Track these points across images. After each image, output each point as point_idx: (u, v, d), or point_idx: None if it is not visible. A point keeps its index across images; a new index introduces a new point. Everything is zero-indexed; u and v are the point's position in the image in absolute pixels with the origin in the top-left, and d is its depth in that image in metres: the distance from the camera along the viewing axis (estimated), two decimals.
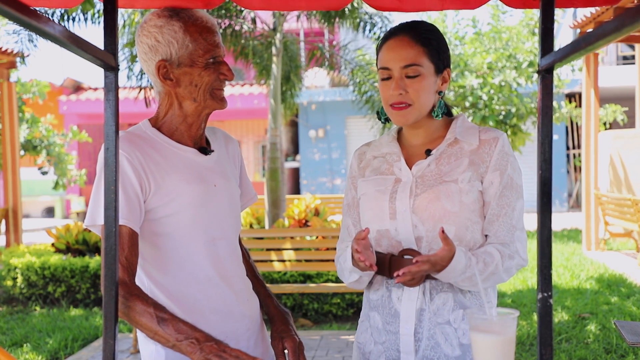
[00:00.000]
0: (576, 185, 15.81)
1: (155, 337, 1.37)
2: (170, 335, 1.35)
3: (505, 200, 1.49)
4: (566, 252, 8.55)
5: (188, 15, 1.52)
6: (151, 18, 1.52)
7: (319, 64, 8.69)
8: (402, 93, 1.48)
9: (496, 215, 1.50)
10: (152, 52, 1.52)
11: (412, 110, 1.50)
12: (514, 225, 1.49)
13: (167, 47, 1.50)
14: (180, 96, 1.54)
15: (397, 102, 1.49)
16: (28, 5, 0.89)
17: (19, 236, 8.89)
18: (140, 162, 1.48)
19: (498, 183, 1.49)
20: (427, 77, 1.49)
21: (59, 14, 6.42)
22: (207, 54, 1.50)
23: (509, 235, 1.49)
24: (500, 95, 9.83)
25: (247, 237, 5.34)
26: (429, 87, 1.50)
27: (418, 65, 1.48)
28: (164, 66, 1.51)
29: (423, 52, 1.49)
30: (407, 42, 1.49)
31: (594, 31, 0.92)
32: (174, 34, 1.49)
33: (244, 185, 1.76)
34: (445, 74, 1.54)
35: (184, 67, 1.51)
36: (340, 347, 4.55)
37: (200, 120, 1.57)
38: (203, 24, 1.52)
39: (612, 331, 4.66)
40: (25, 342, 4.77)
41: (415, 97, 1.49)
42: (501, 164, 1.50)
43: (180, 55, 1.50)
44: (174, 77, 1.52)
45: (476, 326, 1.22)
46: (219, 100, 1.56)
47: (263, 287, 1.74)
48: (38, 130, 10.50)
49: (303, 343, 1.61)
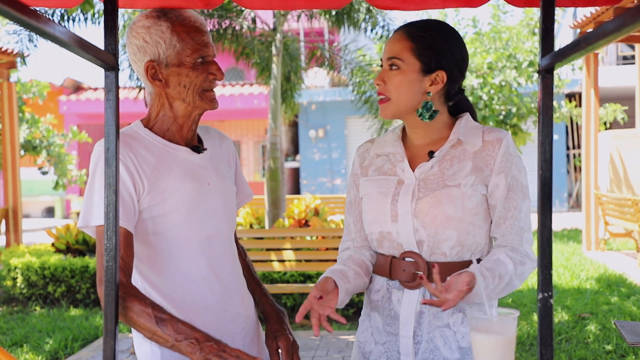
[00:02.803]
0: (576, 185, 15.81)
1: (154, 337, 1.37)
2: (169, 336, 1.35)
3: (512, 202, 1.47)
4: (566, 252, 8.55)
5: (176, 16, 1.51)
6: (140, 19, 1.52)
7: (319, 64, 8.69)
8: (380, 84, 1.50)
9: (503, 217, 1.48)
10: (140, 53, 1.51)
11: (390, 104, 1.50)
12: (521, 227, 1.48)
13: (155, 47, 1.49)
14: (171, 97, 1.53)
15: (379, 92, 1.51)
16: (28, 6, 0.89)
17: (19, 236, 8.89)
18: (132, 162, 1.47)
19: (503, 185, 1.47)
20: (408, 73, 1.47)
21: (59, 14, 6.42)
22: (195, 53, 1.49)
23: (518, 238, 1.48)
24: (501, 95, 9.83)
25: (247, 237, 5.33)
26: (409, 83, 1.47)
27: (399, 59, 1.47)
28: (152, 67, 1.51)
29: (409, 48, 1.47)
30: (399, 37, 1.50)
31: (594, 31, 0.92)
32: (162, 34, 1.49)
33: (240, 184, 1.75)
34: (437, 76, 1.48)
35: (172, 67, 1.50)
36: (340, 347, 4.55)
37: (191, 120, 1.56)
38: (191, 24, 1.51)
39: (612, 331, 4.66)
40: (25, 342, 4.77)
41: (392, 90, 1.48)
42: (505, 166, 1.47)
43: (168, 56, 1.49)
44: (162, 78, 1.51)
45: (476, 326, 1.22)
46: (209, 101, 1.54)
47: (259, 286, 1.74)
48: (38, 131, 10.50)
49: (301, 342, 1.60)
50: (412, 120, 1.53)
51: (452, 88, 1.52)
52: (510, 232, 1.48)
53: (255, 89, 14.98)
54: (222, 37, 7.25)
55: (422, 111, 1.50)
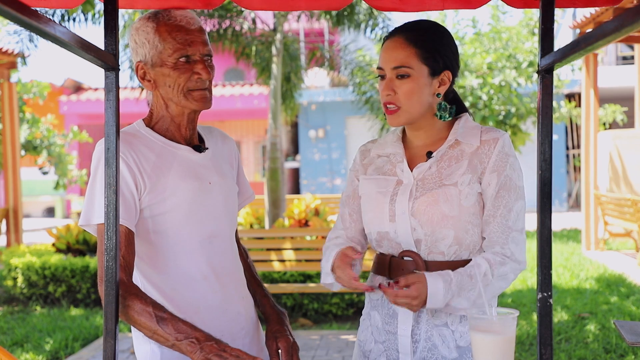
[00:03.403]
0: (576, 185, 15.81)
1: (154, 336, 1.37)
2: (169, 335, 1.35)
3: (501, 200, 1.46)
4: (566, 252, 8.55)
5: (164, 16, 1.51)
6: (136, 21, 1.54)
7: (319, 65, 8.69)
8: (390, 94, 1.49)
9: (492, 216, 1.47)
10: (134, 54, 1.54)
11: (401, 113, 1.49)
12: (509, 227, 1.46)
13: (142, 48, 1.51)
14: (164, 97, 1.54)
15: (387, 102, 1.50)
16: (28, 6, 0.90)
17: (19, 236, 8.89)
18: (134, 161, 1.48)
19: (495, 184, 1.47)
20: (418, 79, 1.47)
21: (59, 14, 6.42)
22: (176, 53, 1.48)
23: (503, 237, 1.46)
24: (500, 95, 9.83)
25: (247, 237, 5.34)
26: (419, 90, 1.47)
27: (407, 67, 1.47)
28: (141, 67, 1.52)
29: (415, 54, 1.47)
30: (400, 44, 1.49)
31: (594, 31, 0.92)
32: (147, 35, 1.50)
33: (241, 184, 1.76)
34: (444, 76, 1.50)
35: (156, 68, 1.51)
36: (340, 347, 4.55)
37: (186, 120, 1.56)
38: (175, 23, 1.50)
39: (612, 331, 4.67)
40: (25, 342, 4.77)
41: (403, 99, 1.48)
42: (499, 164, 1.47)
43: (152, 56, 1.50)
44: (150, 78, 1.52)
45: (476, 326, 1.23)
46: (194, 101, 1.51)
47: (260, 287, 1.74)
48: (38, 131, 10.50)
49: (298, 344, 1.60)
50: (420, 123, 1.54)
51: (451, 85, 1.54)
52: (496, 231, 1.47)
53: (255, 89, 14.98)
54: (222, 37, 7.25)
55: (441, 112, 1.51)
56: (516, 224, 1.47)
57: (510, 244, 1.46)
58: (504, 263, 1.45)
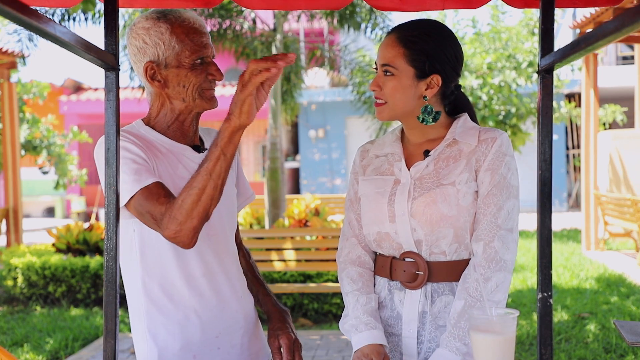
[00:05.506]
0: (576, 185, 15.82)
1: (214, 170, 1.33)
2: (215, 149, 1.33)
3: (492, 198, 1.45)
4: (566, 252, 8.55)
5: (175, 17, 1.52)
6: (140, 20, 1.53)
7: (319, 65, 8.69)
8: (375, 89, 1.52)
9: (482, 213, 1.46)
10: (140, 54, 1.53)
11: (386, 107, 1.51)
12: (498, 225, 1.44)
13: (154, 48, 1.51)
14: (170, 96, 1.55)
15: (375, 96, 1.53)
16: (28, 6, 0.90)
17: (19, 236, 8.89)
18: (142, 149, 1.49)
19: (488, 182, 1.46)
20: (402, 79, 1.48)
21: (59, 14, 6.42)
22: (194, 54, 1.51)
23: (490, 235, 1.44)
24: (500, 95, 9.83)
25: (247, 237, 5.34)
26: (402, 90, 1.48)
27: (392, 66, 1.48)
28: (151, 67, 1.52)
29: (402, 55, 1.47)
30: (391, 42, 1.50)
31: (594, 31, 0.92)
32: (161, 36, 1.50)
33: (241, 185, 1.76)
34: (432, 80, 1.48)
35: (171, 68, 1.51)
36: (340, 347, 4.55)
37: (191, 118, 1.58)
38: (190, 25, 1.52)
39: (612, 331, 4.67)
40: (25, 342, 4.77)
41: (388, 95, 1.50)
42: (495, 164, 1.47)
43: (167, 57, 1.51)
44: (161, 79, 1.53)
45: (476, 326, 1.23)
46: (208, 100, 1.56)
47: (262, 287, 1.74)
48: (38, 131, 10.50)
49: (301, 342, 1.60)
50: (409, 122, 1.54)
51: (448, 88, 1.53)
52: (484, 228, 1.45)
53: None
54: (223, 37, 7.25)
55: (424, 116, 1.51)
56: (506, 222, 1.45)
57: (495, 241, 1.43)
58: (488, 278, 1.42)
